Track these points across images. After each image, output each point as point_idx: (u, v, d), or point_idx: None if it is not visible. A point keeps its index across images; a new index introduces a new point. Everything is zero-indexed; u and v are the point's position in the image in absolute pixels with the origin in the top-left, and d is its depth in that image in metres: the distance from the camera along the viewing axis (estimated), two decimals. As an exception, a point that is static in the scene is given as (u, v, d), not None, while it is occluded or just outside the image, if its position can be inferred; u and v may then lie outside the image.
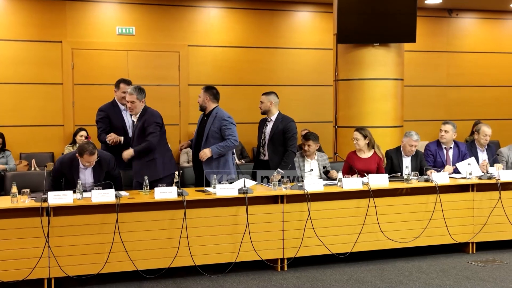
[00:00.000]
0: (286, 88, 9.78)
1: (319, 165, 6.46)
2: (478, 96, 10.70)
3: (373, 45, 7.44)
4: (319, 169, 6.45)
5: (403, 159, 6.63)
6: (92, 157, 5.52)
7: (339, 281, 5.30)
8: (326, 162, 6.53)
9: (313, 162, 6.46)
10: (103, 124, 6.40)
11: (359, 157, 6.49)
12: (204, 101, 6.25)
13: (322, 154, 6.58)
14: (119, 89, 6.49)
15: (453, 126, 6.85)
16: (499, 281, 5.27)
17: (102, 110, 6.46)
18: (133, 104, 5.99)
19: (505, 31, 10.96)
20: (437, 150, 6.84)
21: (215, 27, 9.58)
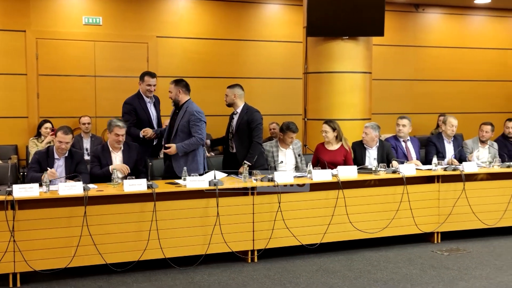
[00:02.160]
0: (256, 80, 9.79)
1: (295, 153, 6.49)
2: (443, 90, 10.90)
3: (342, 38, 7.50)
4: (294, 157, 6.46)
5: (366, 151, 6.72)
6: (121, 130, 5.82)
7: (309, 272, 5.36)
8: (300, 150, 6.58)
9: (288, 150, 6.48)
10: (130, 117, 6.45)
11: (327, 149, 6.56)
12: (176, 95, 6.22)
13: (297, 142, 6.62)
14: (144, 82, 6.56)
15: (409, 120, 7.02)
16: (462, 269, 5.41)
17: (129, 103, 6.49)
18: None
19: (470, 27, 11.17)
20: (396, 144, 6.96)
21: (185, 18, 9.52)
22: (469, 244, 6.25)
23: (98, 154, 5.92)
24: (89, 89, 9.04)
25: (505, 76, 11.32)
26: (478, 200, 6.37)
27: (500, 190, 6.49)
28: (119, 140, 5.89)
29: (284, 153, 6.47)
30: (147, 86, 6.56)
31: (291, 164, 6.44)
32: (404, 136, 6.99)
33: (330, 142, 6.59)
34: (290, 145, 6.51)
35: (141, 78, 6.64)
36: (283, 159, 6.42)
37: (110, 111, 9.02)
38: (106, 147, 5.96)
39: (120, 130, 5.87)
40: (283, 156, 6.45)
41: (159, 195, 5.27)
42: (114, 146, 5.93)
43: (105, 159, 5.88)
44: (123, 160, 5.94)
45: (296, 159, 6.48)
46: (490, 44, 11.21)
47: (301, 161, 6.54)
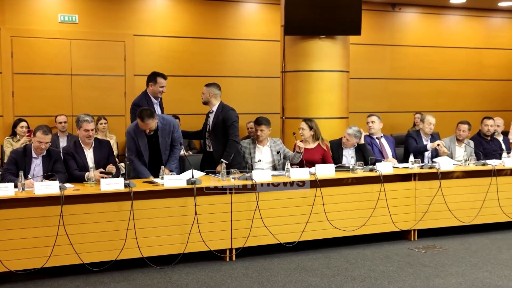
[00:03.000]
0: (234, 79, 9.76)
1: (272, 151, 6.47)
2: (419, 89, 10.99)
3: (319, 37, 7.51)
4: (271, 155, 6.46)
5: (344, 150, 6.76)
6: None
7: (287, 270, 5.37)
8: (280, 147, 6.52)
9: (265, 148, 6.46)
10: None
11: (304, 147, 6.57)
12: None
13: (275, 140, 6.59)
14: (156, 83, 6.46)
15: (378, 117, 7.12)
16: (438, 266, 5.47)
17: (139, 105, 6.33)
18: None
19: (445, 26, 11.29)
20: (371, 141, 7.01)
21: (162, 17, 9.45)
22: (446, 241, 6.33)
23: (72, 151, 5.83)
24: (65, 88, 8.93)
25: (480, 76, 11.47)
26: (454, 197, 6.45)
27: (475, 187, 6.58)
28: (89, 135, 5.82)
29: (261, 150, 6.46)
30: (160, 88, 6.49)
31: (268, 162, 6.43)
32: (376, 133, 7.07)
33: (307, 140, 6.61)
34: (265, 141, 6.46)
35: (152, 79, 6.52)
36: (259, 156, 6.41)
37: (87, 110, 8.87)
38: (78, 143, 5.88)
39: (88, 125, 5.80)
40: (260, 153, 6.44)
41: (136, 194, 5.24)
42: (85, 142, 5.86)
43: (79, 156, 5.80)
44: (94, 157, 5.86)
45: (274, 157, 6.46)
46: (465, 44, 11.34)
47: (281, 159, 6.49)
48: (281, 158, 6.49)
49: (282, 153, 6.51)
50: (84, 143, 5.87)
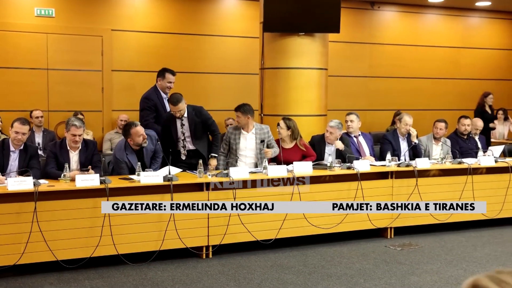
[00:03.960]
0: (213, 75, 9.73)
1: (256, 138, 6.38)
2: (398, 87, 11.06)
3: (298, 34, 7.52)
4: (255, 142, 6.37)
5: (326, 146, 6.77)
6: None
7: (263, 267, 5.36)
8: (265, 136, 6.38)
9: (249, 135, 6.38)
10: (150, 113, 6.54)
11: (282, 147, 6.55)
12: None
13: (263, 127, 6.45)
14: (165, 79, 6.66)
15: (357, 116, 7.12)
16: (414, 263, 5.50)
17: (150, 99, 6.56)
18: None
19: (424, 25, 11.38)
20: (349, 139, 7.01)
21: (140, 12, 9.37)
22: (421, 239, 6.37)
23: (56, 151, 5.70)
24: (41, 82, 8.81)
25: (458, 74, 11.58)
26: (430, 196, 6.49)
27: (451, 186, 6.64)
28: (76, 140, 5.67)
29: (245, 137, 6.36)
30: (168, 83, 6.67)
31: (251, 149, 6.33)
32: (354, 132, 7.07)
33: (284, 140, 6.58)
34: (250, 127, 6.35)
35: (161, 74, 6.71)
36: (244, 143, 6.34)
37: (63, 105, 8.85)
38: (64, 144, 5.73)
39: (76, 130, 5.64)
40: (244, 139, 6.35)
41: (112, 190, 5.18)
42: (71, 145, 5.77)
43: (62, 157, 5.67)
44: (79, 160, 5.76)
45: (257, 145, 6.36)
46: (443, 43, 11.44)
47: (263, 148, 6.33)
48: (264, 147, 6.37)
49: (266, 142, 6.38)
50: (70, 146, 5.78)
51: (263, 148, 6.31)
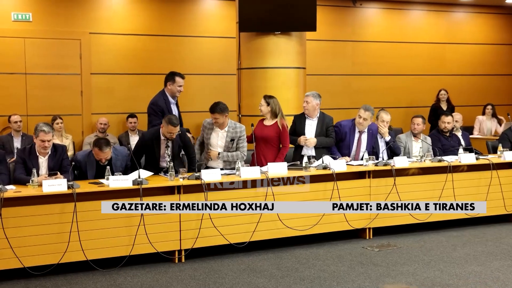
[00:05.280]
0: (192, 77, 9.60)
1: (227, 136, 6.25)
2: (381, 85, 10.96)
3: (274, 33, 7.43)
4: (225, 141, 6.26)
5: (307, 121, 6.65)
6: None
7: (236, 271, 5.26)
8: (237, 135, 6.27)
9: (221, 132, 6.26)
10: (158, 118, 6.38)
11: (263, 124, 6.55)
12: None
13: (238, 126, 6.31)
14: (175, 83, 6.54)
15: (372, 113, 6.71)
16: (390, 265, 5.40)
17: (157, 105, 6.46)
18: None
19: (407, 21, 11.29)
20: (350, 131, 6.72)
21: (118, 14, 9.27)
22: (400, 239, 6.27)
23: (24, 157, 5.61)
24: (19, 87, 8.73)
25: (443, 70, 11.50)
26: (409, 195, 6.39)
27: (431, 184, 6.53)
28: (45, 146, 5.59)
29: (217, 133, 6.28)
30: (179, 87, 6.59)
31: (220, 146, 6.25)
32: (362, 128, 6.72)
33: (266, 117, 6.53)
34: (224, 125, 6.25)
35: (170, 78, 6.58)
36: (214, 138, 6.26)
37: (42, 109, 8.75)
38: (34, 150, 5.64)
39: (45, 135, 5.55)
40: (216, 135, 6.27)
41: (80, 195, 5.08)
42: (40, 151, 5.67)
43: (30, 163, 5.57)
44: (48, 165, 5.66)
45: (226, 143, 6.26)
46: (427, 39, 11.36)
47: (232, 147, 6.26)
48: (234, 147, 6.28)
49: (236, 142, 6.28)
50: (39, 152, 5.67)
51: (232, 147, 6.27)
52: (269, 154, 6.49)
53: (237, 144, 6.30)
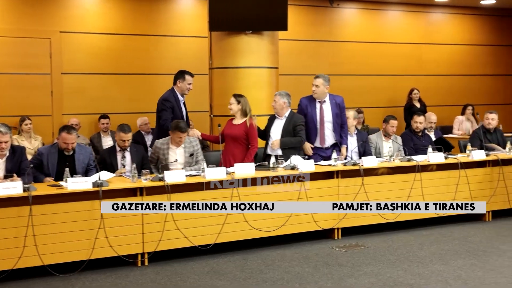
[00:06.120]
0: (166, 77, 9.43)
1: (185, 152, 6.26)
2: (359, 85, 10.91)
3: (245, 33, 7.35)
4: (184, 156, 6.24)
5: (275, 121, 6.63)
6: None
7: (199, 274, 5.17)
8: (194, 149, 6.29)
9: (179, 149, 6.25)
10: (168, 114, 6.55)
11: (232, 123, 6.50)
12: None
13: (192, 140, 6.33)
14: (185, 81, 6.67)
15: (324, 79, 6.75)
16: (356, 265, 5.33)
17: (168, 100, 6.60)
18: None
19: (384, 22, 11.26)
20: (309, 104, 6.72)
21: (91, 13, 9.15)
22: (369, 239, 6.20)
23: None
24: (-12, 87, 8.58)
25: (420, 71, 11.48)
26: (378, 194, 6.33)
27: (400, 184, 6.48)
28: (2, 148, 5.47)
29: (175, 151, 6.23)
30: (188, 85, 6.70)
31: (181, 163, 6.21)
32: (319, 97, 6.71)
33: (235, 115, 6.48)
34: (178, 144, 6.26)
35: (180, 77, 6.70)
36: (174, 157, 6.19)
37: (11, 110, 8.59)
38: None
39: (2, 137, 5.43)
40: (174, 154, 6.22)
41: (36, 198, 4.96)
42: None
43: None
44: (6, 167, 5.54)
45: (186, 159, 6.23)
46: (404, 39, 11.33)
47: (193, 161, 6.28)
48: (194, 161, 6.28)
49: (195, 155, 6.29)
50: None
51: (193, 162, 6.28)
52: (238, 154, 6.42)
53: (196, 158, 6.29)
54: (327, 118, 6.68)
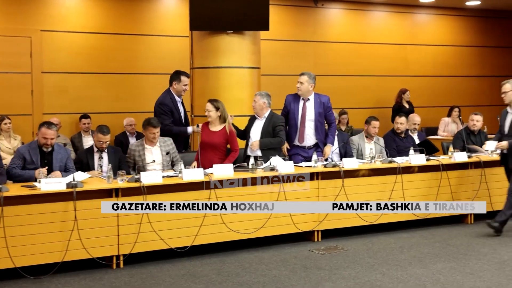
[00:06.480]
0: (149, 76, 9.44)
1: (162, 151, 6.20)
2: (344, 85, 10.86)
3: (227, 32, 7.28)
4: (161, 156, 6.18)
5: (255, 122, 6.58)
6: None
7: (174, 277, 5.09)
8: (170, 148, 6.26)
9: (155, 148, 6.18)
10: (168, 117, 6.61)
11: (210, 129, 6.39)
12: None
13: (166, 140, 6.29)
14: (181, 82, 6.69)
15: (309, 77, 6.70)
16: (334, 268, 5.27)
17: (166, 104, 6.63)
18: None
19: (369, 22, 11.22)
20: (293, 101, 6.68)
21: (72, 11, 9.04)
22: (349, 241, 6.15)
23: None
24: (-34, 86, 8.45)
25: (405, 71, 11.46)
26: (358, 196, 6.28)
27: (380, 186, 6.43)
28: None
29: (151, 151, 6.16)
30: (184, 86, 6.73)
31: (159, 163, 6.15)
32: (303, 94, 6.67)
33: (213, 122, 6.36)
34: (155, 142, 6.18)
35: (175, 78, 6.72)
36: (151, 157, 6.12)
37: (-9, 109, 8.47)
38: None
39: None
40: (150, 154, 6.15)
41: (9, 199, 4.86)
42: None
43: None
44: None
45: (163, 158, 6.17)
46: (389, 40, 11.30)
47: (170, 160, 6.24)
48: (170, 159, 6.23)
49: (171, 154, 6.24)
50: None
51: (170, 160, 6.24)
52: (217, 161, 6.29)
53: (172, 159, 6.25)
54: (309, 116, 6.64)
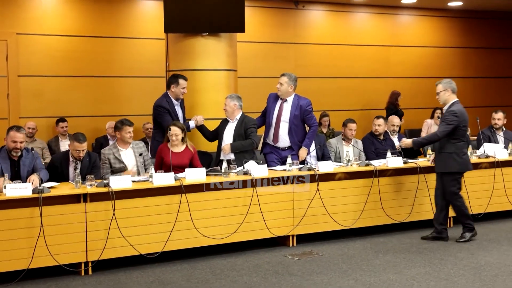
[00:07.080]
0: (126, 79, 9.34)
1: (134, 153, 6.14)
2: (326, 87, 10.79)
3: (202, 35, 7.18)
4: (135, 158, 6.12)
5: (227, 125, 6.59)
6: None
7: (143, 284, 4.99)
8: (142, 150, 6.22)
9: (128, 151, 6.14)
10: (169, 117, 6.61)
11: (172, 151, 6.22)
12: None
13: (138, 142, 6.29)
14: (179, 85, 6.69)
15: (288, 78, 6.71)
16: (306, 274, 5.19)
17: (163, 107, 6.65)
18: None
19: (351, 24, 11.17)
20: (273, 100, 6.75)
21: (48, 14, 8.93)
22: (324, 246, 6.06)
23: None
24: None
25: (387, 73, 11.41)
26: (334, 200, 6.20)
27: (357, 189, 6.35)
28: None
29: (125, 153, 6.09)
30: (182, 89, 6.73)
31: (132, 165, 6.07)
32: (282, 95, 6.69)
33: (176, 144, 6.25)
34: (130, 143, 6.11)
35: (173, 81, 6.72)
36: (124, 159, 6.03)
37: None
38: None
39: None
40: (125, 156, 6.07)
41: (-28, 206, 4.76)
42: None
43: None
44: None
45: (137, 159, 6.09)
46: (371, 41, 11.25)
47: (143, 161, 6.18)
48: (143, 161, 6.16)
49: (144, 156, 6.16)
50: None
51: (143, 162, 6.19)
52: None
53: (144, 162, 6.19)
54: (284, 117, 6.61)
